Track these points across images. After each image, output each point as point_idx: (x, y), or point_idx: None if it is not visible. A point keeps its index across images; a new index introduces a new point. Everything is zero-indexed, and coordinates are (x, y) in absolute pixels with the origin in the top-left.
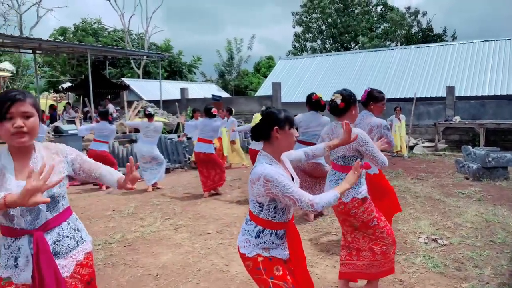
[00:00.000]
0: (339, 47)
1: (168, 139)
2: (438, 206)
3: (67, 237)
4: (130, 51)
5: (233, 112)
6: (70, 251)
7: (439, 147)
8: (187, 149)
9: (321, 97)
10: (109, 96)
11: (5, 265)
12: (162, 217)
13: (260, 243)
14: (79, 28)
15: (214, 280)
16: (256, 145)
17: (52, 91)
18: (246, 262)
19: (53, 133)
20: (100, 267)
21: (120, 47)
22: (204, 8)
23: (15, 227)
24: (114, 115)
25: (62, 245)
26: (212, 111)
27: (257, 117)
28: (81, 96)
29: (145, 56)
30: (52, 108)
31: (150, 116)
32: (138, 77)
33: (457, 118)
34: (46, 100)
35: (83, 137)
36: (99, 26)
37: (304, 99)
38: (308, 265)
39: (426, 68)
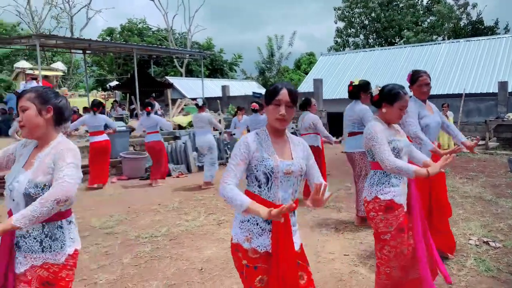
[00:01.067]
0: (383, 42)
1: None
2: (490, 207)
3: (34, 238)
4: (174, 49)
5: None
6: (31, 252)
7: (490, 145)
8: (229, 146)
9: (352, 83)
10: (153, 94)
11: None
12: (206, 212)
13: (244, 222)
14: (125, 28)
15: None
16: None
17: (100, 89)
18: (232, 250)
19: None
20: (147, 259)
21: (164, 46)
22: (245, 6)
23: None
24: (159, 112)
25: (25, 243)
26: (252, 106)
27: None
28: (128, 94)
29: (187, 55)
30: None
31: (198, 107)
32: (181, 76)
33: (510, 115)
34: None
35: (130, 132)
36: (144, 26)
37: (346, 96)
38: (352, 264)
39: (476, 62)
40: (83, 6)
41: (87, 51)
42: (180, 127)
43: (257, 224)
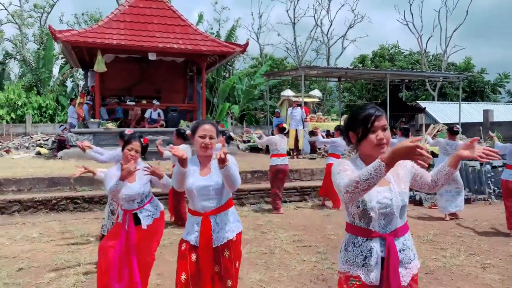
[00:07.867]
0: None
1: (470, 166)
2: None
3: (409, 248)
4: (428, 73)
5: None
6: (410, 263)
7: None
8: (492, 179)
9: None
10: (403, 119)
11: (353, 262)
12: (466, 251)
13: None
14: (376, 54)
15: None
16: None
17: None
18: None
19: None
20: None
21: (419, 70)
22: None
23: (369, 228)
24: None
25: (405, 255)
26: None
27: None
28: None
29: (441, 78)
30: None
31: (452, 133)
32: (433, 99)
33: None
34: None
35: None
36: (396, 50)
37: None
38: None
39: None
40: (340, 37)
41: (342, 79)
42: (433, 154)
43: None
